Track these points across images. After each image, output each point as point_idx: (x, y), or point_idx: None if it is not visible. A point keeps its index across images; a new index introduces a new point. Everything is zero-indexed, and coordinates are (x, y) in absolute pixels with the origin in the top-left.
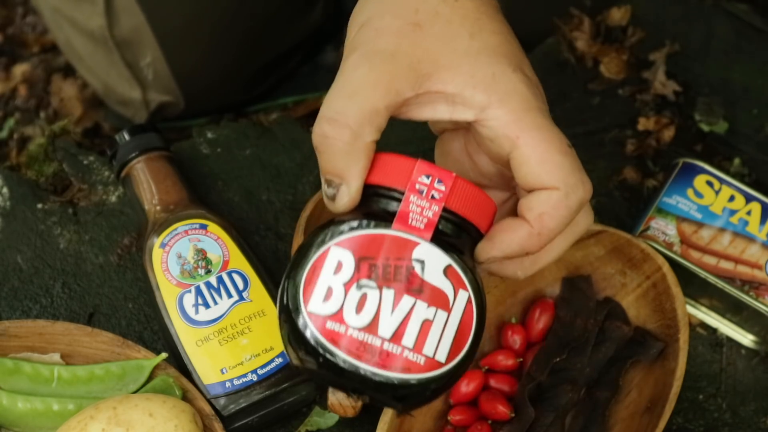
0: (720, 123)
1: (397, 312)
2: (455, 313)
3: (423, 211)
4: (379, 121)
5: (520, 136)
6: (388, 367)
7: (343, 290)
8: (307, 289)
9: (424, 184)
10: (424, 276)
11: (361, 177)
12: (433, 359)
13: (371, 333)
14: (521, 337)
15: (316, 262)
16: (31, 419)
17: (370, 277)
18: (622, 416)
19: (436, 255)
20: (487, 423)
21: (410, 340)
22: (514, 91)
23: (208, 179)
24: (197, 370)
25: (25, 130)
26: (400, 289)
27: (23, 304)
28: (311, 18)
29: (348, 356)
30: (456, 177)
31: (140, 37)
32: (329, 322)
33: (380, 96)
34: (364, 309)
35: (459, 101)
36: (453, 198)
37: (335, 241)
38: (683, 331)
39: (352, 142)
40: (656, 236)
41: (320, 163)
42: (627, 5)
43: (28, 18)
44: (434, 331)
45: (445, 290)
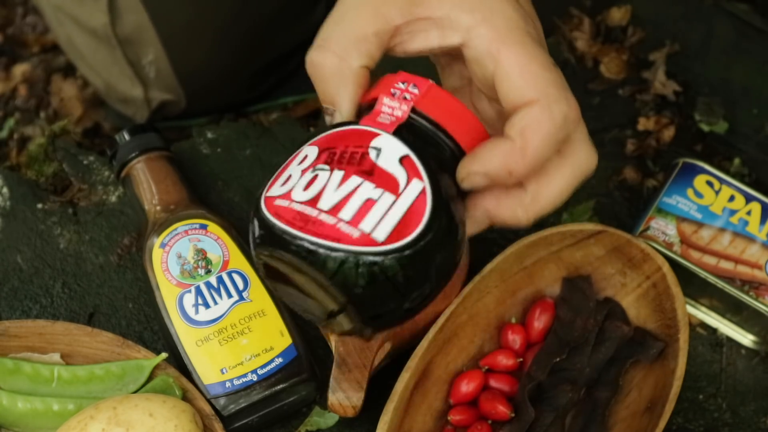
0: (720, 123)
1: (341, 189)
2: (404, 198)
3: (393, 111)
4: (368, 46)
5: (502, 50)
6: (317, 234)
7: (299, 174)
8: (271, 182)
9: (398, 88)
10: (378, 161)
11: (351, 101)
12: (368, 236)
13: (311, 205)
14: (521, 337)
15: (288, 161)
16: (31, 419)
17: (326, 161)
18: (622, 416)
19: (394, 144)
20: (487, 423)
21: (347, 214)
22: (500, 10)
23: (208, 179)
24: (197, 370)
25: (25, 130)
26: (350, 170)
27: (23, 304)
28: (313, 18)
29: (282, 224)
30: (432, 83)
31: (143, 35)
32: (277, 200)
33: (367, 21)
34: (311, 186)
35: (447, 25)
36: (425, 101)
37: (309, 142)
38: (683, 331)
39: (337, 66)
40: (656, 236)
41: (317, 92)
42: (627, 5)
43: (28, 18)
44: (376, 210)
45: (397, 176)
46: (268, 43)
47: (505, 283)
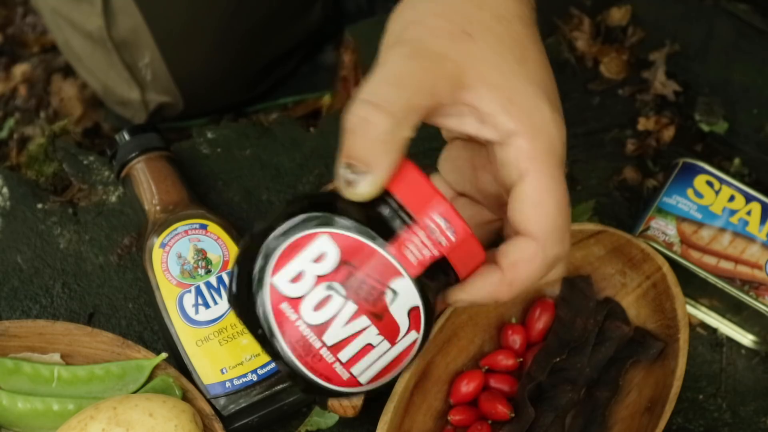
0: (720, 123)
1: (348, 327)
2: (397, 347)
3: (422, 250)
4: (417, 119)
5: (531, 174)
6: (313, 370)
7: (313, 282)
8: (279, 263)
9: (436, 225)
10: (390, 307)
11: (391, 171)
12: (355, 379)
13: (317, 334)
14: (521, 337)
15: (300, 240)
16: (31, 419)
17: (344, 283)
18: (622, 416)
19: (411, 293)
20: (487, 423)
21: (346, 356)
22: (545, 131)
23: (208, 179)
24: (197, 370)
25: (25, 130)
26: (362, 308)
27: (23, 304)
28: (311, 18)
29: (284, 344)
30: (469, 234)
31: (138, 38)
32: (284, 304)
33: (423, 95)
34: (321, 309)
35: (489, 121)
36: (456, 253)
37: (328, 229)
38: (683, 331)
39: (392, 131)
40: (656, 236)
41: (348, 145)
42: (627, 5)
43: (28, 18)
44: (370, 357)
45: (401, 326)
46: (265, 45)
47: None
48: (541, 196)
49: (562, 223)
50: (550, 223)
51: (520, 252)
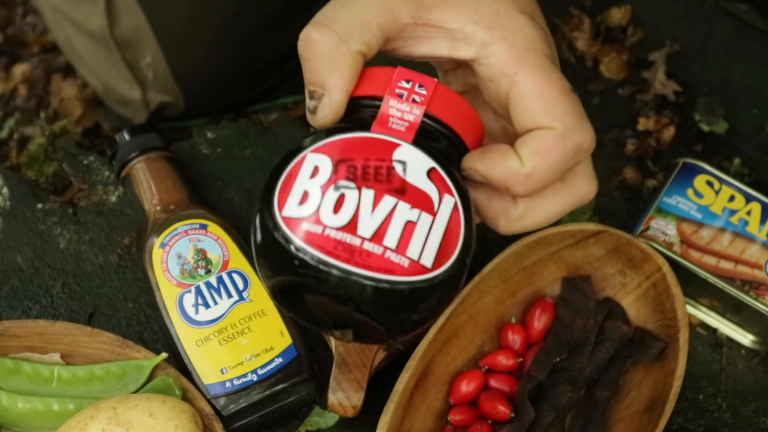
0: (720, 123)
1: (377, 211)
2: (441, 217)
3: (404, 115)
4: (369, 36)
5: (519, 72)
6: (369, 267)
7: (320, 192)
8: (281, 197)
9: (404, 89)
10: (407, 177)
11: (345, 88)
12: (418, 263)
13: (350, 232)
14: (521, 337)
15: (292, 170)
16: (31, 419)
17: (348, 177)
18: (622, 416)
19: (419, 157)
20: (487, 423)
21: (392, 241)
22: (518, 29)
23: (208, 179)
24: (197, 370)
25: (25, 130)
26: (380, 189)
27: (23, 304)
28: (311, 18)
29: (324, 255)
30: (438, 82)
31: (141, 37)
32: (305, 223)
33: (375, 12)
34: (342, 209)
35: (460, 37)
36: (435, 103)
37: (311, 148)
38: (683, 331)
39: (336, 47)
40: (656, 236)
41: (304, 73)
42: (627, 5)
43: (28, 18)
44: (418, 233)
45: (430, 193)
46: (267, 45)
47: (505, 283)
48: (541, 88)
49: (575, 107)
50: (559, 108)
51: (538, 141)
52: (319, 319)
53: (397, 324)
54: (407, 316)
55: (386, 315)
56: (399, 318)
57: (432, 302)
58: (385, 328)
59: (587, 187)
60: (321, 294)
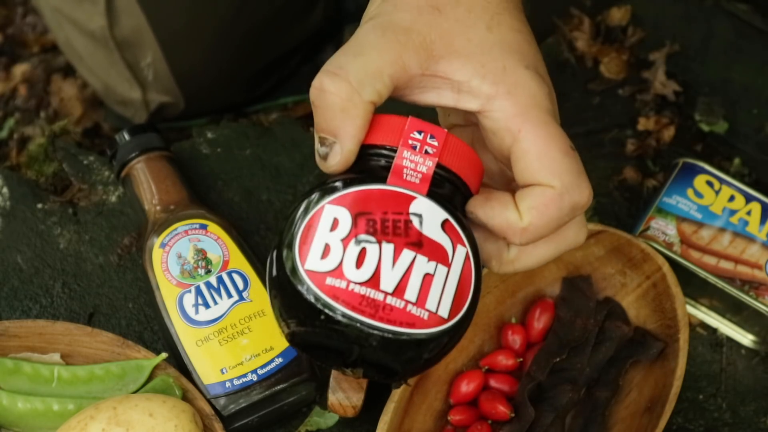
0: (720, 123)
1: (398, 266)
2: (455, 268)
3: (417, 166)
4: (381, 85)
5: (522, 129)
6: (392, 322)
7: (341, 246)
8: (302, 249)
9: (416, 140)
10: (423, 230)
11: (356, 136)
12: (437, 314)
13: (373, 287)
14: (521, 337)
15: (311, 221)
16: (31, 419)
17: (368, 231)
18: (622, 416)
19: (433, 209)
20: (487, 423)
21: (413, 295)
22: (523, 85)
23: (208, 179)
24: (197, 370)
25: (25, 130)
26: (399, 243)
27: (23, 304)
28: (311, 19)
29: (350, 311)
30: (448, 133)
31: (141, 38)
32: (329, 278)
33: (386, 63)
34: (364, 263)
35: (465, 89)
36: (446, 154)
37: (329, 199)
38: (683, 331)
39: (349, 98)
40: (656, 236)
41: (315, 119)
42: (627, 5)
43: (28, 18)
44: (436, 285)
45: (444, 245)
46: (267, 45)
47: (505, 283)
48: (542, 146)
49: (573, 166)
50: (559, 167)
51: (536, 197)
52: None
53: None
54: (421, 361)
55: (403, 362)
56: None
57: (446, 347)
58: (400, 372)
59: (577, 236)
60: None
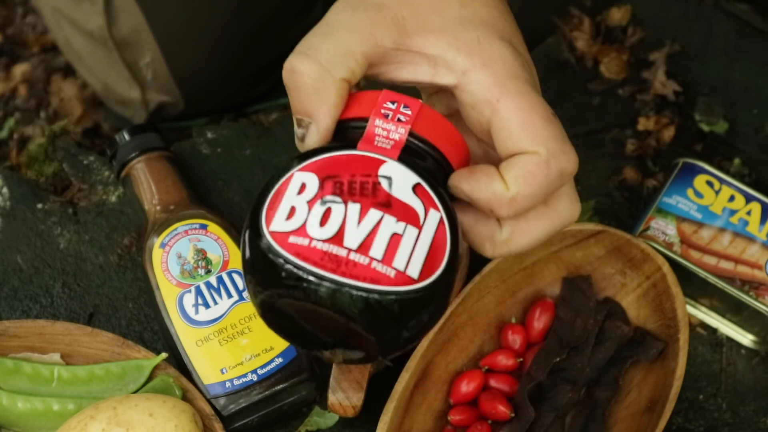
0: (720, 123)
1: (363, 224)
2: (427, 230)
3: (389, 134)
4: (353, 63)
5: (501, 99)
6: (355, 276)
7: (306, 207)
8: (269, 213)
9: (389, 109)
10: (392, 191)
11: (331, 115)
12: (404, 273)
13: (336, 244)
14: (521, 337)
15: (279, 188)
16: (31, 419)
17: (335, 193)
18: (622, 416)
19: (404, 173)
20: (487, 423)
21: (378, 252)
22: (498, 56)
23: (208, 179)
24: (197, 370)
25: (25, 130)
26: (366, 203)
27: (23, 304)
28: (311, 18)
29: (312, 266)
30: (423, 104)
31: (139, 38)
32: (292, 237)
33: (357, 40)
34: (328, 222)
35: (441, 64)
36: (420, 122)
37: (299, 167)
38: (683, 331)
39: (320, 77)
40: (656, 236)
41: (291, 102)
42: (627, 5)
43: (28, 18)
44: (404, 245)
45: (415, 207)
46: (266, 44)
47: (505, 283)
48: (523, 114)
49: (557, 132)
50: (542, 134)
51: (522, 166)
52: (309, 339)
53: (385, 338)
54: (395, 330)
55: (374, 327)
56: (387, 331)
57: (420, 316)
58: (374, 342)
59: (570, 210)
60: (308, 307)
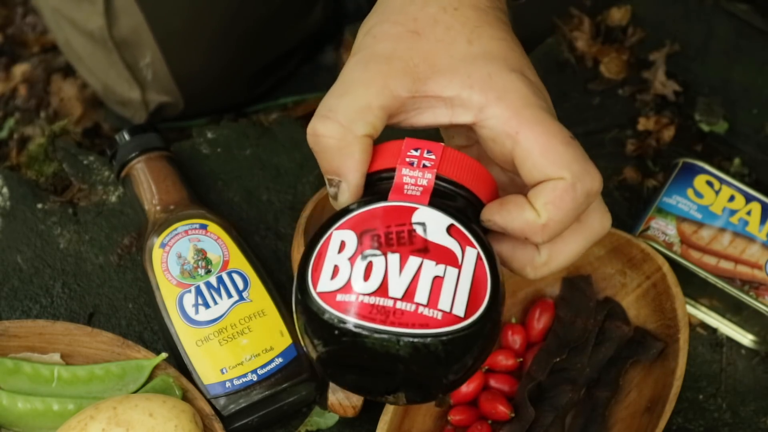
0: (720, 123)
1: (405, 272)
2: (466, 268)
3: (417, 180)
4: (372, 118)
5: (520, 131)
6: (404, 324)
7: (348, 264)
8: (314, 275)
9: (414, 157)
10: (428, 236)
11: (359, 171)
12: (451, 313)
13: (382, 296)
14: (521, 337)
15: (321, 249)
16: (31, 419)
17: (373, 246)
18: (622, 416)
19: (437, 216)
20: (487, 423)
21: (423, 297)
22: (512, 88)
23: (208, 179)
24: (197, 370)
25: (25, 130)
26: (405, 251)
27: (23, 304)
28: (311, 18)
29: (361, 320)
30: (445, 146)
31: (139, 38)
32: (339, 295)
33: (373, 94)
34: (371, 275)
35: (457, 104)
36: (444, 164)
37: (336, 225)
38: (683, 331)
39: (343, 137)
40: (656, 236)
41: (319, 163)
42: (627, 5)
43: (28, 18)
44: (447, 286)
45: (452, 248)
46: (266, 45)
47: (505, 284)
48: (543, 142)
49: (579, 154)
50: (564, 159)
51: (550, 192)
52: (372, 387)
53: (441, 378)
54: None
55: (430, 369)
56: (444, 372)
57: (472, 351)
58: (432, 384)
59: (602, 223)
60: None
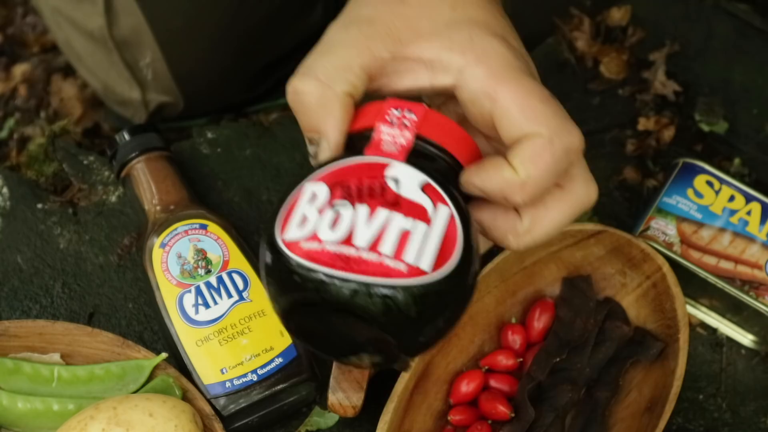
0: (720, 123)
1: (372, 223)
2: (436, 225)
3: (395, 138)
4: (352, 76)
5: (498, 89)
6: (365, 273)
7: (317, 213)
8: (283, 225)
9: (394, 116)
10: (400, 191)
11: (338, 128)
12: (416, 266)
13: (347, 244)
14: (521, 337)
15: (291, 200)
16: (31, 419)
17: (344, 197)
18: (622, 416)
19: (412, 173)
20: (487, 423)
21: (388, 248)
22: (492, 51)
23: (208, 179)
24: (197, 370)
25: (25, 130)
26: (374, 203)
27: (23, 304)
28: (311, 19)
29: (323, 267)
30: (428, 108)
31: (140, 38)
32: (304, 242)
33: (354, 54)
34: (338, 224)
35: (437, 66)
36: (426, 126)
37: (309, 178)
38: (683, 331)
39: (322, 93)
40: (656, 236)
41: (299, 122)
42: (627, 5)
43: (28, 18)
44: (414, 240)
45: (423, 204)
46: (266, 45)
47: (505, 283)
48: (521, 99)
49: (557, 111)
50: (542, 114)
51: (527, 148)
52: (334, 347)
53: (403, 334)
54: (413, 326)
55: (390, 323)
56: (404, 327)
57: (435, 311)
58: (393, 340)
59: (587, 191)
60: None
